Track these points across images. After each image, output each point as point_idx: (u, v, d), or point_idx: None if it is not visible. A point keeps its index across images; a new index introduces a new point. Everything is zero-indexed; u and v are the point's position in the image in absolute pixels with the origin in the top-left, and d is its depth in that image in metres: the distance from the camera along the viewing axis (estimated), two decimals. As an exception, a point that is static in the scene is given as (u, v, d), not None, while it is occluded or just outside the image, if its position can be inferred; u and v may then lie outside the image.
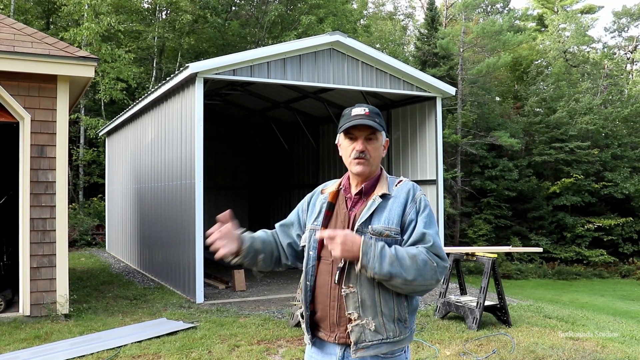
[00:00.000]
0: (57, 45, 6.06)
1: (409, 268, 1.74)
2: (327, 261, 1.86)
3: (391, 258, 1.74)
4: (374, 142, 1.91)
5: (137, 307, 6.76)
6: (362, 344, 1.79)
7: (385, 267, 1.73)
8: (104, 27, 15.52)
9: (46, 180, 5.97)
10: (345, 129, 1.90)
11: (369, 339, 1.79)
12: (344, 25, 21.24)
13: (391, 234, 1.83)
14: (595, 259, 17.23)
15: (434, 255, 1.79)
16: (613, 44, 27.00)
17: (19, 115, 5.91)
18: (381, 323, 1.80)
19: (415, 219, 1.85)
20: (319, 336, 1.91)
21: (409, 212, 1.86)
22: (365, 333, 1.80)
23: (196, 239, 7.10)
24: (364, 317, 1.80)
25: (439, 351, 4.87)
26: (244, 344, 4.99)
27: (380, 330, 1.79)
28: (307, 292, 1.89)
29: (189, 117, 7.42)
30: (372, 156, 1.90)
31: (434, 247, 1.81)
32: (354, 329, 1.80)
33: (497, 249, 7.07)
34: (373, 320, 1.79)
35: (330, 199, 1.95)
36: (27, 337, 5.19)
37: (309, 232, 1.96)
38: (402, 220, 1.85)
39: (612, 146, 18.83)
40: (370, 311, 1.80)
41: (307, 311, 1.89)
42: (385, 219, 1.84)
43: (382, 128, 1.93)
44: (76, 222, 14.71)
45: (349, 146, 1.92)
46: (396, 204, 1.87)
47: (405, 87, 8.64)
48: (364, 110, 1.91)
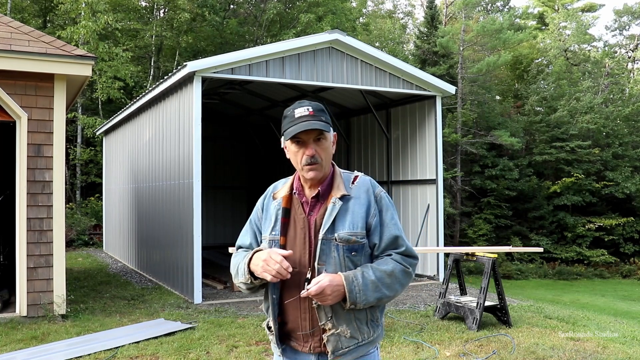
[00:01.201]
0: (54, 44, 6.03)
1: (392, 285, 1.78)
2: (294, 271, 1.76)
3: (374, 284, 1.74)
4: (323, 142, 1.80)
5: (135, 308, 6.73)
6: (339, 352, 1.78)
7: (371, 296, 1.75)
8: (101, 25, 15.47)
9: (43, 179, 5.95)
10: (293, 134, 1.76)
11: (345, 346, 1.79)
12: (343, 24, 21.20)
13: (357, 239, 1.78)
14: (596, 259, 17.18)
15: (407, 258, 1.82)
16: (614, 42, 26.93)
17: (15, 114, 5.88)
18: (356, 328, 1.80)
19: (381, 220, 1.82)
20: (290, 345, 1.88)
21: (374, 213, 1.81)
22: (342, 341, 1.78)
23: (194, 238, 7.06)
24: (339, 325, 1.77)
25: (438, 352, 4.83)
26: (243, 345, 4.97)
27: (355, 335, 1.81)
28: (275, 306, 1.84)
29: (187, 116, 7.39)
30: (324, 158, 1.80)
31: (407, 250, 1.83)
32: (330, 339, 1.77)
33: (497, 249, 7.03)
34: (348, 327, 1.79)
35: (285, 205, 1.86)
36: (23, 337, 5.17)
37: (268, 243, 1.86)
38: (367, 222, 1.80)
39: (613, 145, 18.77)
40: (345, 319, 1.78)
41: (275, 324, 1.85)
42: (350, 223, 1.77)
43: (329, 126, 1.81)
44: (73, 222, 14.67)
45: (297, 151, 1.81)
46: (358, 205, 1.81)
47: (404, 86, 8.60)
48: (308, 110, 1.78)
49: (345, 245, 1.76)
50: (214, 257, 11.51)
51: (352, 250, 1.77)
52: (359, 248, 1.78)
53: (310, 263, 1.78)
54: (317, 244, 1.77)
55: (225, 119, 14.48)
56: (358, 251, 1.78)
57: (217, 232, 13.98)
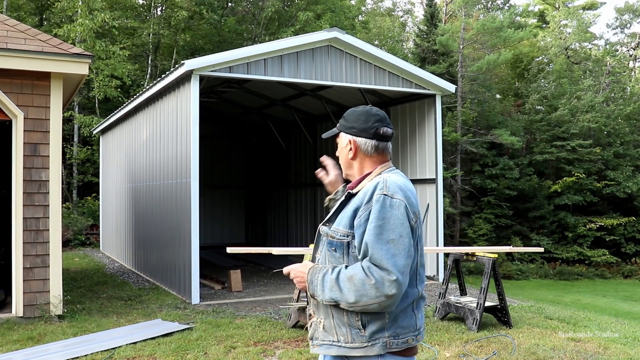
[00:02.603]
0: (50, 42, 6.00)
1: (348, 290, 1.70)
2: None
3: (331, 283, 1.75)
4: (339, 146, 2.01)
5: (132, 308, 6.70)
6: (315, 341, 1.86)
7: (327, 294, 1.75)
8: (98, 23, 15.37)
9: (39, 179, 5.91)
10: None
11: (320, 338, 1.84)
12: (342, 22, 21.12)
13: (336, 235, 1.82)
14: (597, 259, 17.11)
15: (376, 269, 1.67)
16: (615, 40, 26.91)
17: (11, 113, 5.85)
18: (332, 325, 1.80)
19: (365, 225, 1.74)
20: None
21: (361, 214, 1.77)
22: (318, 331, 1.85)
23: (192, 238, 7.03)
24: (317, 315, 1.85)
25: (438, 353, 4.80)
26: (241, 346, 4.95)
27: (330, 331, 1.81)
28: None
29: (185, 115, 7.35)
30: (341, 160, 2.01)
31: (373, 259, 1.68)
32: (312, 325, 1.88)
33: (498, 249, 7.00)
34: (324, 320, 1.82)
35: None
36: (20, 338, 5.14)
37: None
38: (353, 223, 1.79)
39: (615, 144, 18.70)
40: (322, 311, 1.83)
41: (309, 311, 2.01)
42: (339, 220, 1.84)
43: (339, 129, 1.99)
44: (70, 222, 14.57)
45: None
46: (352, 204, 1.83)
47: (404, 85, 8.56)
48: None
49: (327, 239, 1.85)
50: (212, 257, 11.48)
51: (332, 245, 1.83)
52: (338, 245, 1.81)
53: None
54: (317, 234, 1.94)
55: (223, 118, 14.44)
56: (337, 248, 1.81)
57: (214, 232, 13.95)
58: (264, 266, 10.28)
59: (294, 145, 13.05)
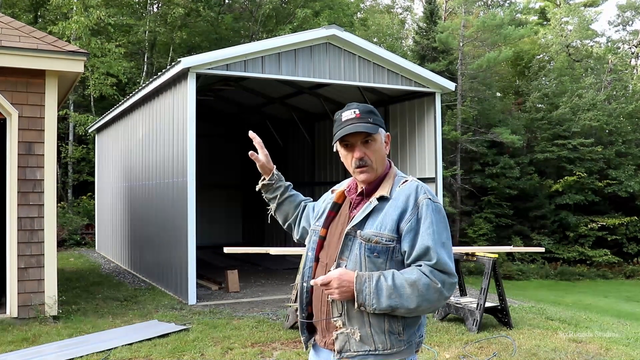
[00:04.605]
0: (45, 40, 5.96)
1: (410, 296, 1.65)
2: (324, 263, 1.81)
3: (388, 290, 1.65)
4: (372, 144, 1.82)
5: (128, 309, 6.66)
6: (346, 353, 1.73)
7: (383, 302, 1.65)
8: (93, 20, 15.27)
9: (34, 178, 5.88)
10: (339, 138, 1.82)
11: (354, 349, 1.72)
12: (341, 19, 21.02)
13: (381, 240, 1.72)
14: (598, 259, 17.01)
15: (438, 273, 1.67)
16: (617, 38, 26.71)
17: (6, 111, 5.82)
18: (369, 334, 1.70)
19: (417, 228, 1.71)
20: (315, 339, 1.87)
21: (409, 218, 1.72)
22: (350, 342, 1.72)
23: (188, 238, 6.98)
24: (349, 325, 1.72)
25: (438, 354, 4.76)
26: (238, 347, 4.92)
27: (367, 341, 1.70)
28: (304, 294, 1.84)
29: (181, 113, 7.30)
30: (374, 160, 1.82)
31: (438, 264, 1.67)
32: (339, 337, 1.74)
33: (498, 248, 6.95)
34: (359, 330, 1.70)
35: (337, 200, 1.93)
36: (14, 339, 5.11)
37: (311, 232, 1.95)
38: (398, 226, 1.72)
39: (617, 143, 18.59)
40: (357, 320, 1.72)
41: (302, 313, 1.85)
42: (379, 223, 1.74)
43: (378, 127, 1.82)
44: (65, 221, 14.46)
45: (347, 154, 1.85)
46: (393, 207, 1.75)
47: (403, 83, 8.50)
48: (354, 113, 1.81)
49: (367, 245, 1.73)
50: (209, 257, 11.40)
51: (374, 251, 1.72)
52: (382, 251, 1.72)
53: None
54: (343, 238, 1.78)
55: (220, 117, 14.36)
56: (381, 254, 1.72)
57: (211, 232, 13.85)
58: (261, 266, 10.22)
59: (291, 144, 12.97)
